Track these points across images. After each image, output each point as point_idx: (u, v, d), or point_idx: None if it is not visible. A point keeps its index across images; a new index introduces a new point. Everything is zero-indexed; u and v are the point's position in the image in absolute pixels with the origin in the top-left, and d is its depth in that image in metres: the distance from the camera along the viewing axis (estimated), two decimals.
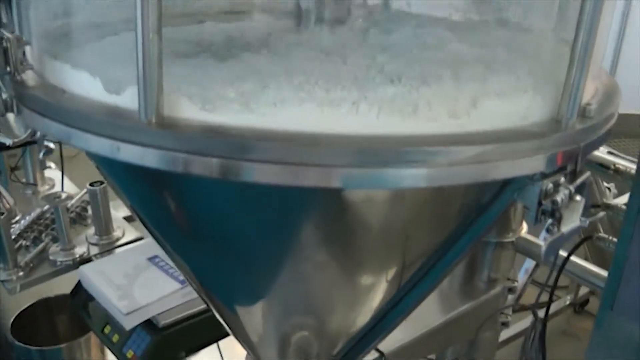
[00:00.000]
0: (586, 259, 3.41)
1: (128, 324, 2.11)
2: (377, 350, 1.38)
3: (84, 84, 0.77)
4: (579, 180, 0.78)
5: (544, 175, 0.77)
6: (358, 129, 0.70)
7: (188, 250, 1.05)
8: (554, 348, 3.45)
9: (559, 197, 0.74)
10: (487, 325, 1.61)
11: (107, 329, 2.25)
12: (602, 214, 1.53)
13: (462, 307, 1.54)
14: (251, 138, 0.68)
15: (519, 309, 3.52)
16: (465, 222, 0.91)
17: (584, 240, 1.64)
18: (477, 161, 0.72)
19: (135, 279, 2.22)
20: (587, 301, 3.75)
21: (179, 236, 1.01)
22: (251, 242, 0.88)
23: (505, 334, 3.23)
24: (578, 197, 0.77)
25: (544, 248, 0.71)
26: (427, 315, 1.51)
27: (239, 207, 0.82)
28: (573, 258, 1.48)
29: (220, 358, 2.58)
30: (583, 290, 3.69)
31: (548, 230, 0.75)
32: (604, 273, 1.35)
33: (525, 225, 1.62)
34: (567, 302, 3.67)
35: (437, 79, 0.73)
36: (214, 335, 2.28)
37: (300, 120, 0.70)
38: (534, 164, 0.76)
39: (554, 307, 3.60)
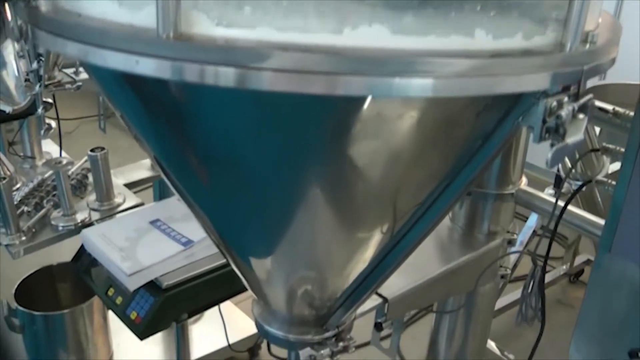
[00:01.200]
0: None
1: (132, 285, 2.13)
2: (381, 295, 1.41)
3: (99, 5, 0.79)
4: (582, 100, 0.80)
5: (548, 95, 0.79)
6: (369, 43, 0.72)
7: (203, 190, 1.07)
8: (549, 316, 3.49)
9: (563, 113, 0.77)
10: (486, 277, 1.64)
11: (110, 292, 2.27)
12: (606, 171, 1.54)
13: (462, 258, 1.56)
14: (264, 48, 0.70)
15: (514, 279, 3.56)
16: (470, 150, 0.93)
17: (584, 184, 1.66)
18: (483, 74, 0.74)
19: (138, 242, 2.25)
20: (581, 271, 3.79)
21: (194, 173, 1.02)
22: (260, 167, 0.90)
23: (500, 303, 3.27)
24: (581, 115, 0.79)
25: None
26: (428, 265, 1.53)
27: (249, 126, 0.84)
28: (571, 207, 1.51)
29: (221, 320, 2.62)
30: (578, 261, 3.73)
31: (552, 145, 0.77)
32: (601, 221, 1.38)
33: (524, 179, 1.65)
34: (562, 272, 3.71)
35: None
36: (217, 297, 2.31)
37: (314, 34, 0.72)
38: (539, 81, 0.78)
39: (549, 277, 3.64)
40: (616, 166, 2.15)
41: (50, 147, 3.16)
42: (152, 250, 2.20)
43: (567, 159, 2.03)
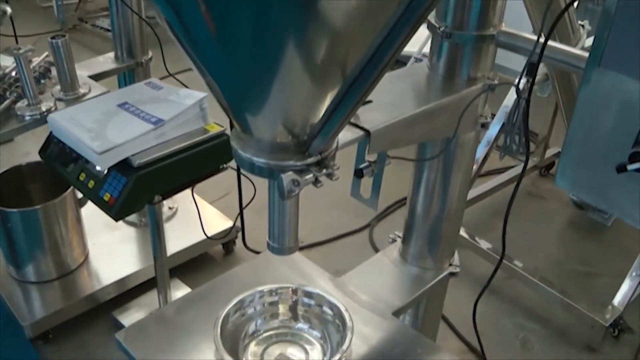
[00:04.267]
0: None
1: (103, 164, 2.09)
2: (363, 129, 1.39)
3: None
4: None
5: None
6: None
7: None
8: (520, 208, 3.55)
9: None
10: (467, 125, 1.62)
11: (82, 177, 2.23)
12: None
13: (442, 99, 1.54)
14: None
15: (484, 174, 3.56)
16: None
17: (569, 5, 1.63)
18: None
19: (107, 123, 2.19)
20: (552, 164, 3.82)
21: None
22: None
23: (471, 194, 3.30)
24: None
25: None
26: (409, 105, 1.51)
27: None
28: (552, 43, 1.47)
29: (196, 217, 2.58)
30: (549, 154, 3.76)
31: None
32: (585, 54, 1.35)
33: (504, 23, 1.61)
34: (532, 165, 3.73)
35: None
36: (189, 177, 2.28)
37: None
38: None
39: (518, 170, 3.66)
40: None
41: (8, 63, 3.05)
42: (122, 130, 2.15)
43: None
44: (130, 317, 2.74)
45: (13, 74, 2.54)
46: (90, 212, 2.88)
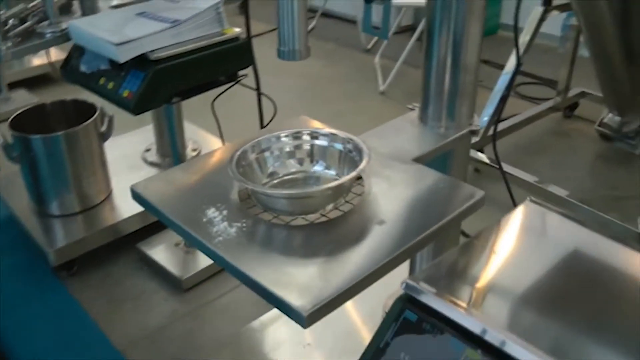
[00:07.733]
0: None
1: (121, 55, 2.11)
2: None
3: None
4: None
5: None
6: None
7: None
8: (547, 145, 3.50)
9: None
10: None
11: (101, 81, 2.26)
12: None
13: None
14: None
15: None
16: None
17: None
18: None
19: (126, 25, 2.23)
20: (576, 104, 3.77)
21: None
22: None
23: None
24: None
25: None
26: None
27: None
28: None
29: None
30: (571, 94, 3.70)
31: None
32: None
33: None
34: (550, 105, 3.68)
35: None
36: (206, 79, 2.31)
37: None
38: None
39: (540, 108, 3.62)
40: None
41: None
42: (139, 28, 2.18)
43: None
44: (155, 248, 2.73)
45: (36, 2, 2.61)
46: (115, 156, 2.92)
